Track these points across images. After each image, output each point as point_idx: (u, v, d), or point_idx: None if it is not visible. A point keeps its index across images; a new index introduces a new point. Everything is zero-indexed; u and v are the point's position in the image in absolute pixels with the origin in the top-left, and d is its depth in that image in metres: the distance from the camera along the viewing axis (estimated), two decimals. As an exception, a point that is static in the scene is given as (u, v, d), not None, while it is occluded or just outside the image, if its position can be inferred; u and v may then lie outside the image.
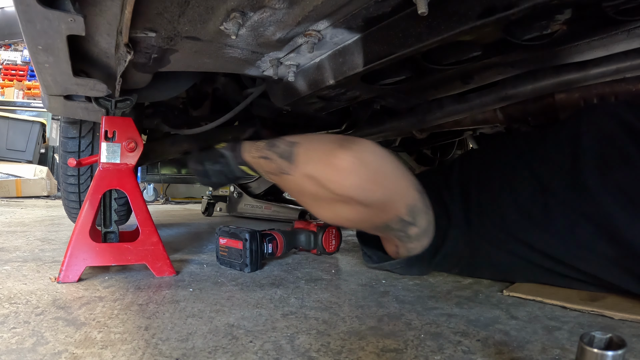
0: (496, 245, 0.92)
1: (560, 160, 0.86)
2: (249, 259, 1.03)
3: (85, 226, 0.94)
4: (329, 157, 0.84)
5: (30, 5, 0.55)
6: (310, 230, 1.27)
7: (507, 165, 0.96)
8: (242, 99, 1.25)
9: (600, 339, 0.43)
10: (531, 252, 0.86)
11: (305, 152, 0.89)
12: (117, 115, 1.01)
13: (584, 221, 0.79)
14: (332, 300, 0.80)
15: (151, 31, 0.69)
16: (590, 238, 0.79)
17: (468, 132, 1.71)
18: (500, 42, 0.74)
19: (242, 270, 1.04)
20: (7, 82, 6.95)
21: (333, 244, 1.29)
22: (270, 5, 0.62)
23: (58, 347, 0.56)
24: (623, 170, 0.77)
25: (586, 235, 0.79)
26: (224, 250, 1.10)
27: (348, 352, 0.57)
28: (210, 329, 0.64)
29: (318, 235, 1.25)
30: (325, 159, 0.85)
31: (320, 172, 0.85)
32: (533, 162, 0.90)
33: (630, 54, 0.81)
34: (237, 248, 1.05)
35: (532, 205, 0.87)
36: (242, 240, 1.03)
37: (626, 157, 0.78)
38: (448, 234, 0.97)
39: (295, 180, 0.91)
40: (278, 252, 1.14)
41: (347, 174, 0.82)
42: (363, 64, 0.77)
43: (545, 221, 0.84)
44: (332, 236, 1.28)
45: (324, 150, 0.87)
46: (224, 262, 1.10)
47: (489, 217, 0.93)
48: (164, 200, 4.01)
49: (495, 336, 0.63)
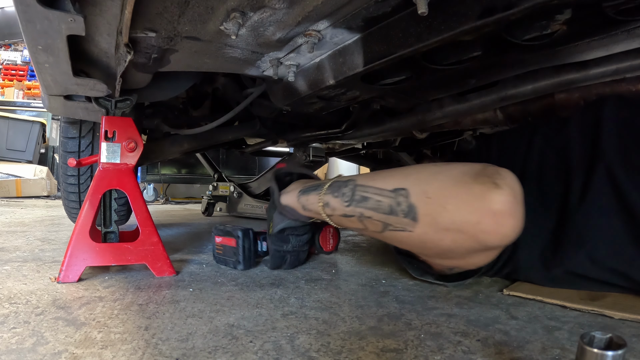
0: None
1: (582, 146, 0.83)
2: (241, 256, 1.03)
3: (85, 226, 0.94)
4: (480, 203, 0.67)
5: (30, 5, 0.55)
6: None
7: (530, 153, 0.91)
8: (242, 99, 1.25)
9: (600, 339, 0.43)
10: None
11: (430, 201, 0.73)
12: (117, 115, 1.01)
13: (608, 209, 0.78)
14: (332, 300, 0.80)
15: (151, 31, 0.70)
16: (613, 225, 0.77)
17: (468, 132, 1.71)
18: (501, 42, 0.74)
19: (235, 268, 1.04)
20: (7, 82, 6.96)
21: (331, 243, 1.27)
22: (270, 5, 0.62)
23: (58, 347, 0.56)
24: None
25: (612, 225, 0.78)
26: (219, 248, 1.10)
27: (348, 352, 0.57)
28: (210, 329, 0.64)
29: (315, 235, 1.22)
30: (474, 205, 0.68)
31: (470, 223, 0.69)
32: (557, 149, 0.87)
33: (630, 54, 0.81)
34: (231, 246, 1.05)
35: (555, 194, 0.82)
36: (235, 238, 1.03)
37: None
38: None
39: (421, 236, 0.76)
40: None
41: (507, 219, 0.67)
42: (363, 64, 0.77)
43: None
44: (329, 235, 1.25)
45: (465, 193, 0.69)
46: (220, 260, 1.11)
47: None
48: (164, 200, 4.01)
49: (495, 336, 0.63)
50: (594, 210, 0.80)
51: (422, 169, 0.82)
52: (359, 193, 0.83)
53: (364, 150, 2.30)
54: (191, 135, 1.36)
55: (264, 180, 2.47)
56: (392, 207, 0.77)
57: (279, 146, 2.00)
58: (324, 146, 2.19)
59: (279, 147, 2.24)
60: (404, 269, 1.08)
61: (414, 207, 0.74)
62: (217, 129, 1.34)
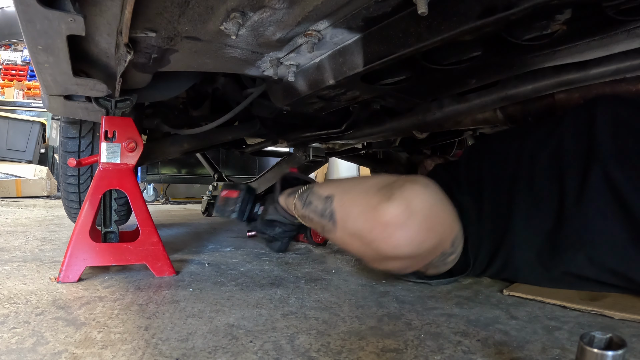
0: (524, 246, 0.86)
1: (576, 146, 0.83)
2: (239, 205, 1.13)
3: (85, 226, 0.94)
4: (373, 213, 0.73)
5: (30, 5, 0.55)
6: None
7: (523, 156, 0.92)
8: (242, 99, 1.25)
9: (600, 339, 0.43)
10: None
11: (343, 208, 0.81)
12: (117, 115, 1.01)
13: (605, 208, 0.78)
14: (332, 300, 0.80)
15: (151, 31, 0.69)
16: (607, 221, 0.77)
17: (468, 132, 1.71)
18: (501, 42, 0.74)
19: (229, 217, 1.14)
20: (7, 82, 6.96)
21: (320, 236, 1.36)
22: (270, 5, 0.62)
23: (58, 347, 0.56)
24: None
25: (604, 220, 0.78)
26: (222, 200, 1.19)
27: (348, 352, 0.57)
28: (210, 329, 0.64)
29: (307, 228, 1.27)
30: (369, 214, 0.74)
31: (365, 231, 0.75)
32: (550, 150, 0.88)
33: (630, 54, 0.81)
34: (233, 197, 1.15)
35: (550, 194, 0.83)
36: (239, 190, 1.15)
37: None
38: (467, 232, 0.91)
39: (340, 239, 0.85)
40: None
41: (395, 230, 0.71)
42: (363, 64, 0.77)
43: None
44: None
45: (365, 204, 0.76)
46: (218, 210, 1.18)
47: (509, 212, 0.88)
48: (164, 200, 4.01)
49: (495, 336, 0.63)
50: (592, 211, 0.80)
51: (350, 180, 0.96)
52: (309, 198, 0.92)
53: (364, 150, 2.30)
54: (191, 135, 1.36)
55: (264, 180, 2.47)
56: (322, 211, 0.86)
57: (279, 146, 2.00)
58: (324, 146, 2.19)
59: (279, 147, 2.23)
60: (404, 269, 1.09)
61: (334, 212, 0.83)
62: (217, 129, 1.34)
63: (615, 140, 0.80)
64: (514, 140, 0.99)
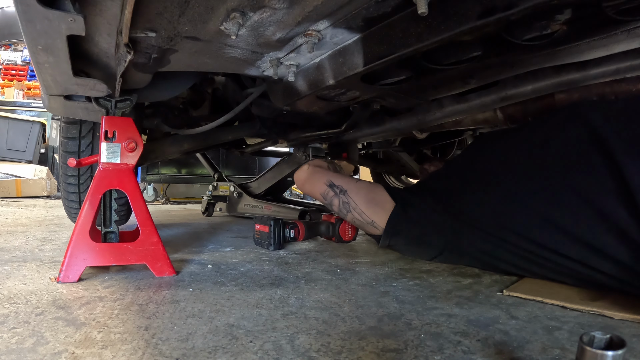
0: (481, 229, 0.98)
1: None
2: (272, 239, 1.34)
3: (85, 226, 0.94)
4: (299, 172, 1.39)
5: (30, 5, 0.55)
6: (330, 222, 1.51)
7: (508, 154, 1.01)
8: (242, 99, 1.25)
9: (600, 339, 0.43)
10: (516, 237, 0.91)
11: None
12: (117, 115, 1.01)
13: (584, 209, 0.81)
14: (332, 300, 0.80)
15: (151, 31, 0.70)
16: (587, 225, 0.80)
17: (468, 132, 1.71)
18: (501, 42, 0.74)
19: (267, 248, 1.35)
20: (7, 82, 6.97)
21: (349, 233, 1.49)
22: (270, 5, 0.62)
23: (58, 347, 0.56)
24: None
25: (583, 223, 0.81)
26: (257, 233, 1.40)
27: (348, 352, 0.57)
28: (210, 329, 0.64)
29: (336, 226, 1.48)
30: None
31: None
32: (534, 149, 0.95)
33: (630, 54, 0.81)
34: (266, 232, 1.36)
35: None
36: (268, 226, 1.35)
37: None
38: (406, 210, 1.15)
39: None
40: (300, 237, 1.44)
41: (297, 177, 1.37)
42: (363, 64, 0.77)
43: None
44: (348, 226, 1.48)
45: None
46: (257, 242, 1.41)
47: (472, 203, 1.02)
48: (164, 200, 4.01)
49: (495, 336, 0.63)
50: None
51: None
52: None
53: (364, 150, 2.31)
54: (191, 135, 1.37)
55: (264, 180, 2.47)
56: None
57: (279, 146, 2.00)
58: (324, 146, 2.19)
59: (279, 147, 2.24)
60: (403, 269, 1.09)
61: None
62: (217, 129, 1.34)
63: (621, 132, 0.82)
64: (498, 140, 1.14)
